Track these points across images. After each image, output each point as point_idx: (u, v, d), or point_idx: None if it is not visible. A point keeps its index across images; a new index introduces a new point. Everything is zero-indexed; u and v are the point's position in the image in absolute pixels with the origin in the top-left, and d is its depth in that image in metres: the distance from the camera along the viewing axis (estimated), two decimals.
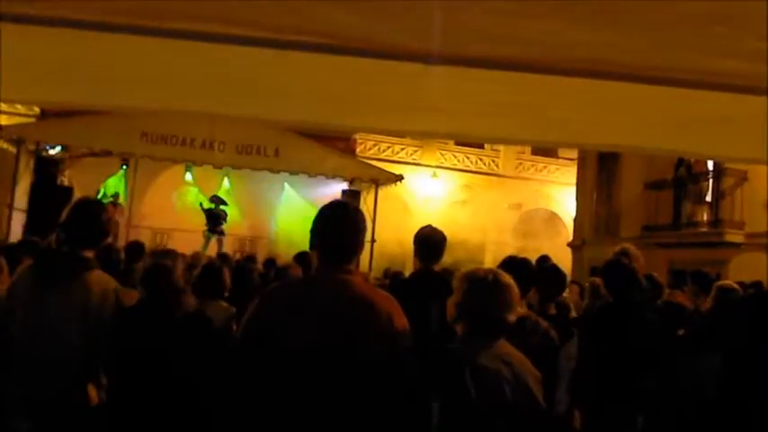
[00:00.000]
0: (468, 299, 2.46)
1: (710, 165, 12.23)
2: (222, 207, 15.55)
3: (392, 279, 7.38)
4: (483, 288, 2.45)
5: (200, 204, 15.45)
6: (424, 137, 15.57)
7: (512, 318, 2.43)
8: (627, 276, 4.16)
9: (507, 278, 2.49)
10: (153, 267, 3.11)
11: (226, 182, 16.34)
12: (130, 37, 1.63)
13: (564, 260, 15.27)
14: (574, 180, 18.92)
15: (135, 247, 6.83)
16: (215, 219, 15.39)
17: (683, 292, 6.23)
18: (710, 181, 12.50)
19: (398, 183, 16.07)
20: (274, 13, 1.55)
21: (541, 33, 1.60)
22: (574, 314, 5.27)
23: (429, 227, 4.23)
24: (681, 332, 4.64)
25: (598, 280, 5.48)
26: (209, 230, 15.30)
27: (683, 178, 13.06)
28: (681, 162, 12.79)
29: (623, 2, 1.57)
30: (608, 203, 16.18)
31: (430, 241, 4.11)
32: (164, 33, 1.59)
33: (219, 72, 1.91)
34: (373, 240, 13.07)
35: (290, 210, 16.50)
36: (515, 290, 2.48)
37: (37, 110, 14.98)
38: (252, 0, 1.53)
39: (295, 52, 1.66)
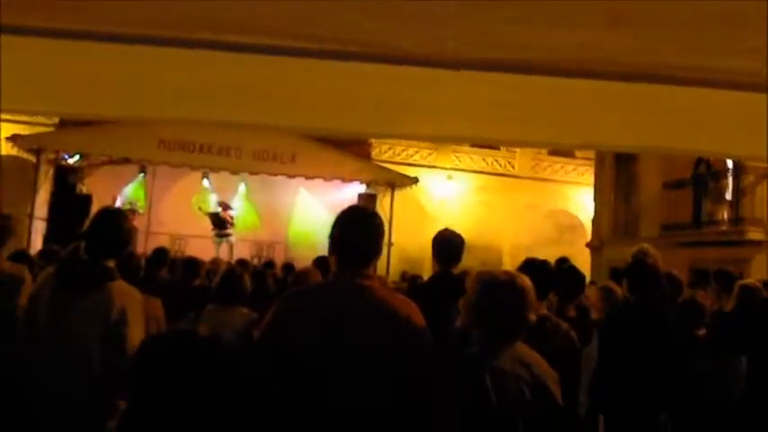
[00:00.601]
0: (483, 301, 2.42)
1: (730, 163, 12.10)
2: (229, 212, 15.67)
3: (410, 282, 7.37)
4: (498, 290, 2.41)
5: (200, 209, 15.58)
6: (446, 141, 15.60)
7: (529, 319, 2.40)
8: (650, 276, 4.13)
9: (523, 279, 2.46)
10: None
11: (242, 187, 16.42)
12: (151, 48, 1.65)
13: (583, 261, 15.19)
14: (591, 180, 18.79)
15: (159, 255, 6.88)
16: (221, 223, 15.51)
17: (706, 292, 6.16)
18: (730, 179, 12.36)
19: (414, 185, 16.06)
20: (296, 22, 1.57)
21: (558, 38, 1.59)
22: (594, 316, 5.23)
23: (447, 230, 4.23)
24: (701, 332, 4.60)
25: (611, 284, 5.45)
26: (217, 235, 15.45)
27: (702, 176, 12.93)
28: (700, 160, 12.67)
29: (639, 3, 1.56)
30: (626, 203, 16.06)
31: (449, 244, 4.11)
32: (186, 44, 1.61)
33: (242, 81, 1.92)
34: (390, 244, 13.08)
35: (306, 214, 16.55)
36: (531, 291, 2.44)
37: (55, 119, 15.17)
38: (274, 9, 1.54)
39: (316, 60, 1.67)
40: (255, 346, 2.42)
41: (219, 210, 15.62)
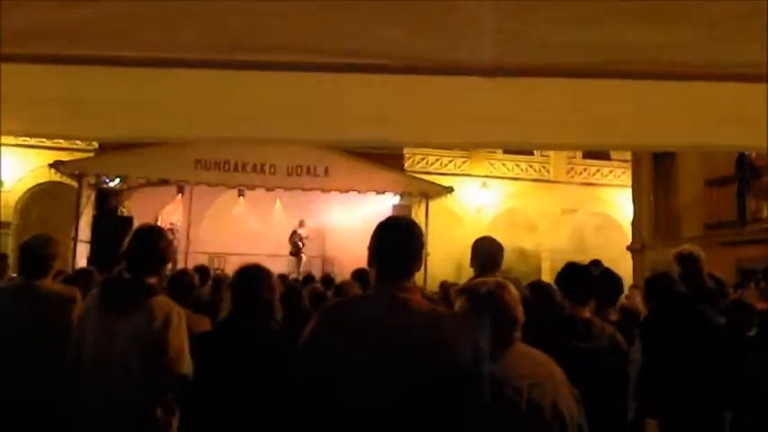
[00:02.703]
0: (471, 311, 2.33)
1: None
2: (300, 230, 16.16)
3: (447, 292, 7.30)
4: (485, 302, 2.32)
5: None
6: (483, 147, 15.60)
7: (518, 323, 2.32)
8: (690, 276, 4.05)
9: (507, 285, 2.38)
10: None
11: (278, 203, 16.61)
12: (187, 71, 1.68)
13: (623, 264, 14.92)
14: (629, 181, 18.48)
15: (200, 272, 6.95)
16: (294, 242, 16.12)
17: (754, 291, 5.98)
18: None
19: (449, 195, 16.00)
20: (332, 38, 1.58)
21: (596, 36, 1.56)
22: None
23: (487, 237, 4.23)
24: (752, 332, 4.46)
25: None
26: (291, 254, 16.06)
27: (745, 173, 12.59)
28: (741, 156, 12.34)
29: (676, 1, 1.52)
30: (666, 203, 15.73)
31: (488, 251, 4.10)
32: (228, 65, 1.64)
33: (276, 99, 1.95)
34: (426, 254, 13.04)
35: (341, 227, 16.61)
36: (516, 300, 2.36)
37: (95, 144, 15.58)
38: (307, 27, 1.56)
39: (354, 74, 1.68)
40: (293, 360, 2.41)
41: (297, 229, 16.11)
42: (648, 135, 2.26)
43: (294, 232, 16.42)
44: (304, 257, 16.32)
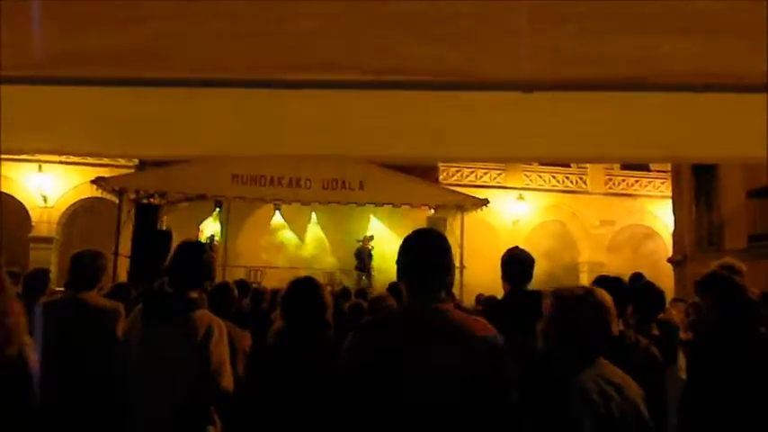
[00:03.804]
0: (561, 318, 2.38)
1: None
2: (368, 245, 16.26)
3: (485, 304, 7.25)
4: (574, 305, 2.36)
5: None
6: (522, 162, 15.54)
7: (608, 334, 2.33)
8: (729, 290, 3.92)
9: (600, 293, 2.39)
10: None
11: (314, 217, 16.74)
12: (234, 90, 1.73)
13: (665, 277, 14.62)
14: (669, 192, 18.14)
15: (239, 286, 7.05)
16: (360, 257, 16.17)
17: None
18: None
19: (484, 207, 15.93)
20: (373, 56, 1.61)
21: (632, 49, 1.56)
22: (682, 335, 5.01)
23: (516, 248, 4.17)
24: None
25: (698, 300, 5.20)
26: (356, 268, 16.13)
27: None
28: None
29: (713, 8, 1.50)
30: (708, 215, 15.39)
31: (518, 263, 4.03)
32: (271, 84, 1.68)
33: (325, 116, 1.99)
34: (462, 267, 12.96)
35: (377, 241, 16.66)
36: (609, 303, 2.37)
37: (136, 161, 15.95)
38: (351, 45, 1.59)
39: (394, 91, 1.71)
40: (338, 374, 2.42)
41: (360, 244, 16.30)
42: (685, 147, 2.24)
43: (363, 248, 16.44)
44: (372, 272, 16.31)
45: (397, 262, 2.42)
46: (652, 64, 1.61)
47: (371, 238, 16.37)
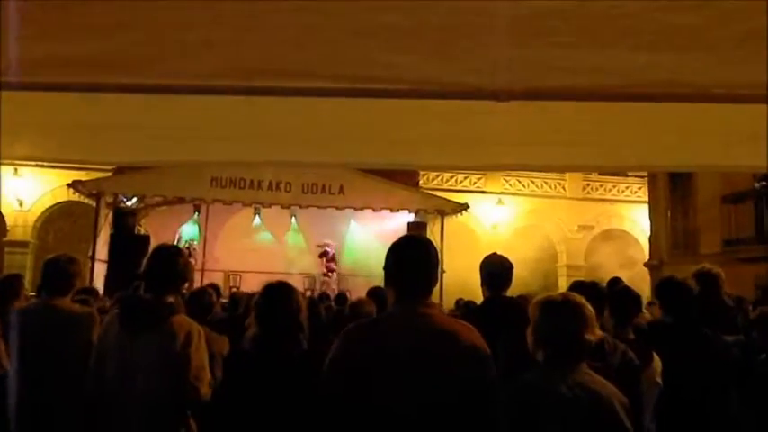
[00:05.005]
0: (542, 324, 2.44)
1: None
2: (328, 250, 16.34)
3: (464, 308, 7.29)
4: (555, 311, 2.44)
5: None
6: (497, 170, 15.64)
7: (590, 338, 2.37)
8: (681, 294, 4.03)
9: (579, 298, 2.46)
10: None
11: (293, 221, 16.67)
12: (209, 97, 1.73)
13: (641, 281, 14.78)
14: (645, 197, 18.37)
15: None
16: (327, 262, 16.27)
17: None
18: None
19: (464, 212, 15.99)
20: (347, 65, 1.61)
21: (606, 60, 1.59)
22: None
23: (495, 254, 4.18)
24: None
25: None
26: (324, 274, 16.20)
27: (763, 189, 12.47)
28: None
29: (685, 24, 1.54)
30: (684, 220, 15.62)
31: (497, 269, 4.05)
32: (244, 92, 1.68)
33: (296, 124, 1.99)
34: (442, 271, 13.01)
35: (357, 245, 16.65)
36: (589, 309, 2.43)
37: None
38: (325, 54, 1.60)
39: (368, 99, 1.72)
40: (326, 371, 2.42)
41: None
42: (658, 156, 2.28)
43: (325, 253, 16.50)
44: (334, 276, 16.34)
45: (385, 268, 2.45)
46: (625, 75, 1.65)
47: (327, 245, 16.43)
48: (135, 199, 14.59)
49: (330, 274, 16.35)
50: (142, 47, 1.58)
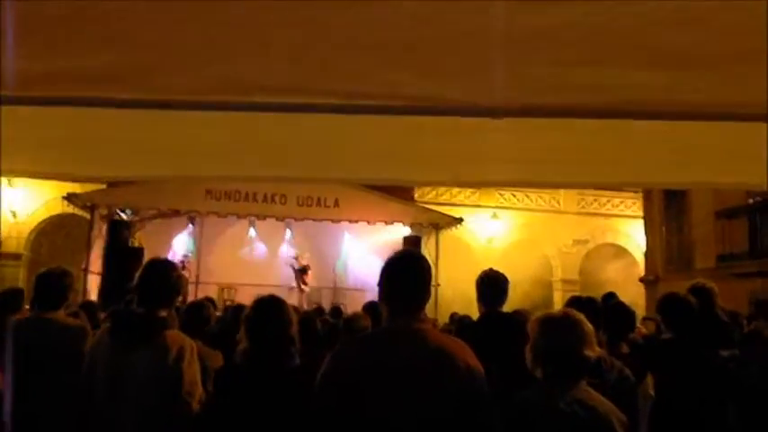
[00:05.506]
0: (542, 341, 2.44)
1: None
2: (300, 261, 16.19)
3: (458, 324, 7.26)
4: (554, 328, 2.43)
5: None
6: (492, 186, 15.71)
7: (589, 354, 2.37)
8: (684, 311, 4.03)
9: (578, 315, 2.46)
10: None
11: (288, 234, 16.64)
12: (204, 113, 1.73)
13: (637, 296, 14.79)
14: (640, 212, 18.41)
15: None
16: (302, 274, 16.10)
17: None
18: None
19: (459, 225, 16.00)
20: (343, 81, 1.62)
21: (603, 78, 1.59)
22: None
23: (491, 270, 4.19)
24: None
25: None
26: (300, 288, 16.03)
27: (756, 205, 12.53)
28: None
29: (683, 42, 1.54)
30: (679, 235, 15.66)
31: (493, 284, 4.06)
32: (241, 107, 1.68)
33: (292, 139, 1.99)
34: (437, 285, 13.00)
35: (352, 258, 16.62)
36: (588, 326, 2.43)
37: None
38: (322, 70, 1.60)
39: (364, 116, 1.72)
40: (315, 395, 2.40)
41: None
42: (655, 174, 2.29)
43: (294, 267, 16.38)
44: (306, 289, 16.26)
45: (379, 283, 2.44)
46: (621, 93, 1.65)
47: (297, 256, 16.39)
48: (129, 211, 14.56)
49: (304, 286, 16.23)
50: (139, 63, 1.58)
